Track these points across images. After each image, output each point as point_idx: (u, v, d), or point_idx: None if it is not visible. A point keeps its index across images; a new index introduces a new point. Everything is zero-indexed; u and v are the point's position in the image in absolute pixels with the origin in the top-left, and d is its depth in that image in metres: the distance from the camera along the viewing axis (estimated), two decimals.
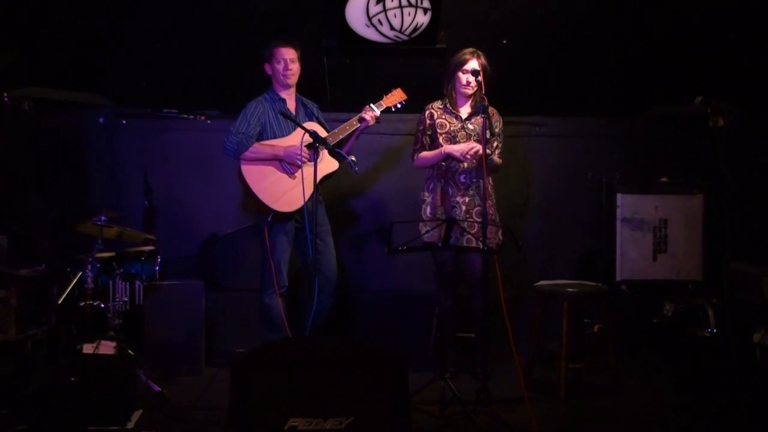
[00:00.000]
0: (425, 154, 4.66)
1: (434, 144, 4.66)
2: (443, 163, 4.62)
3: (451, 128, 4.61)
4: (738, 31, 5.13)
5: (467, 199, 4.56)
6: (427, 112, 4.68)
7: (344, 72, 5.46)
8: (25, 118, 5.06)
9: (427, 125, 4.67)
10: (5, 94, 4.87)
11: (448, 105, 4.65)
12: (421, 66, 5.34)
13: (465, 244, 4.47)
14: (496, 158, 4.65)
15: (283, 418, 3.11)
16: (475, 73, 4.43)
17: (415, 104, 4.86)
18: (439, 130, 4.62)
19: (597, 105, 5.69)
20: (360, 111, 4.69)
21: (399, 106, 4.80)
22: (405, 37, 5.16)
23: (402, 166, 5.69)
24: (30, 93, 5.07)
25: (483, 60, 4.53)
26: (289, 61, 4.65)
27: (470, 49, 4.56)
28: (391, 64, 5.37)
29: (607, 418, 4.19)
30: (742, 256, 4.71)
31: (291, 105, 4.73)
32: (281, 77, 4.66)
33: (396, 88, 4.81)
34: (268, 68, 4.70)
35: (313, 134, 4.32)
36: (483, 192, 4.36)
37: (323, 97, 5.45)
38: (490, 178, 4.64)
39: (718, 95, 4.17)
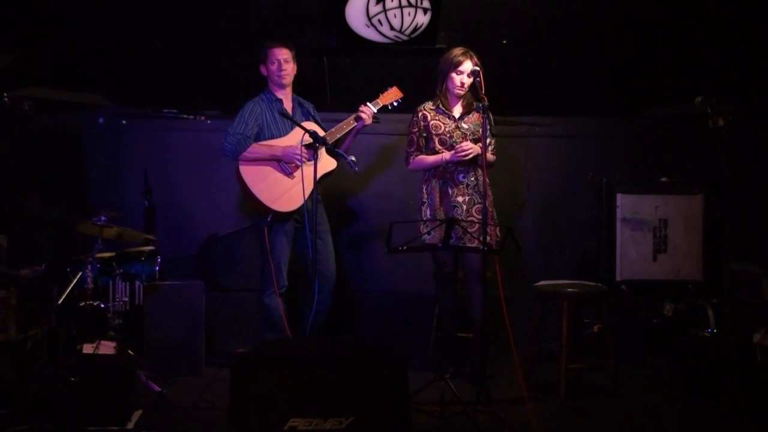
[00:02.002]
0: (424, 158, 4.62)
1: (428, 145, 4.64)
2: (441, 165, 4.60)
3: (446, 129, 4.58)
4: (738, 31, 5.13)
5: (467, 198, 4.54)
6: (420, 114, 4.64)
7: (344, 72, 5.46)
8: (25, 118, 5.07)
9: (421, 127, 4.63)
10: (5, 94, 4.86)
11: (440, 105, 4.62)
12: (420, 66, 5.33)
13: (467, 243, 4.45)
14: (489, 155, 4.58)
15: (283, 418, 3.11)
16: (474, 73, 4.40)
17: (415, 104, 4.86)
18: (433, 132, 4.59)
19: (597, 105, 5.69)
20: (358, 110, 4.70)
21: (395, 104, 4.80)
22: (405, 38, 5.16)
23: (401, 166, 5.67)
24: (30, 93, 5.06)
25: (476, 59, 4.50)
26: (282, 61, 4.66)
27: (461, 50, 4.51)
28: (390, 64, 5.37)
29: (607, 419, 4.19)
30: (742, 256, 4.71)
31: (287, 105, 4.74)
32: (275, 77, 4.67)
33: (393, 86, 4.81)
34: (263, 69, 4.72)
35: (313, 134, 4.32)
36: (483, 190, 4.34)
37: (323, 97, 5.45)
38: (486, 177, 4.63)
39: (718, 95, 4.17)
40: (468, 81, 4.51)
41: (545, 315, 4.62)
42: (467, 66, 4.49)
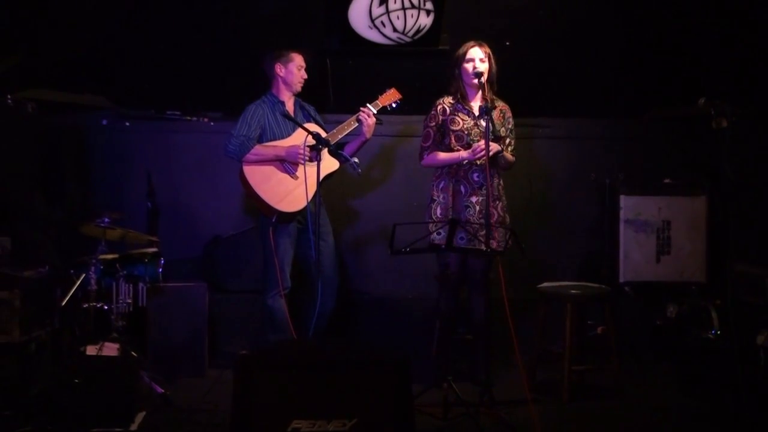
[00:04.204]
0: (440, 155, 4.52)
1: (443, 141, 4.55)
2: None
3: (464, 126, 4.47)
4: (742, 32, 5.13)
5: (481, 199, 4.43)
6: (438, 107, 4.52)
7: (347, 73, 5.46)
8: (29, 120, 5.07)
9: (439, 121, 4.51)
10: (9, 96, 4.87)
11: (459, 101, 4.50)
12: (424, 68, 5.33)
13: (476, 246, 4.36)
14: (509, 156, 4.54)
15: (286, 420, 3.11)
16: (477, 75, 4.37)
17: (418, 106, 4.86)
18: (451, 127, 4.48)
19: (600, 106, 5.68)
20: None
21: (394, 105, 4.80)
22: (408, 39, 5.16)
23: (404, 168, 5.68)
24: (33, 95, 5.08)
25: (487, 48, 4.44)
26: (305, 69, 4.73)
27: (472, 41, 4.48)
28: (393, 66, 5.37)
29: (610, 420, 4.19)
30: (745, 257, 4.71)
31: (289, 107, 4.76)
32: (296, 83, 4.72)
33: (391, 87, 4.82)
34: (280, 69, 4.71)
35: (316, 135, 4.33)
36: (488, 193, 4.30)
37: (326, 98, 5.45)
38: (501, 180, 4.59)
39: (721, 96, 4.16)
40: (481, 66, 4.41)
41: (548, 316, 4.61)
42: (475, 52, 4.42)
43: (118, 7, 4.97)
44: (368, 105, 4.71)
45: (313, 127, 4.62)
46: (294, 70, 4.70)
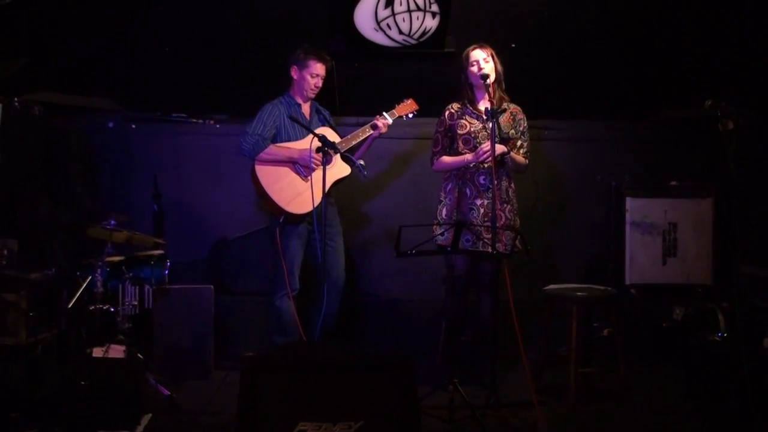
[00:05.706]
0: (446, 159, 4.53)
1: (452, 145, 4.57)
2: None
3: (472, 129, 4.48)
4: (748, 34, 5.11)
5: (486, 202, 4.42)
6: (446, 113, 4.55)
7: (352, 76, 5.46)
8: (36, 122, 5.08)
9: (447, 126, 4.54)
10: (15, 99, 4.88)
11: (467, 105, 4.52)
12: (429, 70, 5.34)
13: (481, 248, 4.36)
14: (519, 158, 4.54)
15: (292, 422, 3.12)
16: (483, 77, 4.36)
17: (423, 108, 4.86)
18: (459, 131, 4.49)
19: (606, 108, 5.67)
20: (371, 116, 4.74)
21: (411, 116, 4.83)
22: (413, 41, 5.16)
23: (411, 171, 5.69)
24: (40, 98, 5.09)
25: (489, 49, 4.44)
26: (320, 78, 4.72)
27: (473, 44, 4.48)
28: (399, 69, 5.37)
29: (616, 423, 4.19)
30: (752, 259, 4.69)
31: (306, 110, 4.78)
32: (308, 90, 4.72)
33: (409, 98, 4.86)
34: (294, 72, 4.73)
35: (322, 138, 4.33)
36: (494, 195, 4.29)
37: (332, 101, 5.46)
38: (512, 183, 4.59)
39: (727, 98, 4.15)
40: (486, 67, 4.41)
41: (554, 319, 4.61)
42: (478, 53, 4.42)
43: (124, 9, 4.98)
44: (385, 114, 4.74)
45: (325, 130, 4.62)
46: (307, 77, 4.70)
